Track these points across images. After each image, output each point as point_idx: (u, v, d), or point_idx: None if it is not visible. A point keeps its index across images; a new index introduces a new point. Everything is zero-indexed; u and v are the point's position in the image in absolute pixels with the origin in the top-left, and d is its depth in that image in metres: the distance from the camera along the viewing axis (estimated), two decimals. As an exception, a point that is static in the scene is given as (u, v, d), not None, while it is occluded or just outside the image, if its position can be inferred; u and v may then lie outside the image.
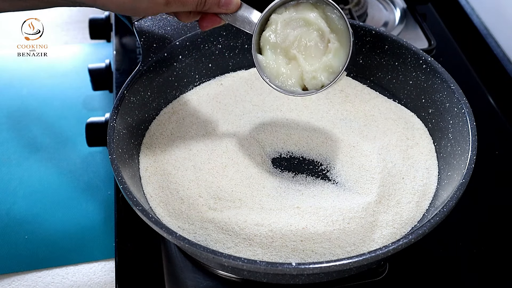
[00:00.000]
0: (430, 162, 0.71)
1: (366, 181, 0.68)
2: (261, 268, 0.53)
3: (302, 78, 0.64)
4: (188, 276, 0.66)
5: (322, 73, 0.63)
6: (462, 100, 0.69)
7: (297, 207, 0.65)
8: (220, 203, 0.66)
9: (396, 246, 0.55)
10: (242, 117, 0.76)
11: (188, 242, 0.55)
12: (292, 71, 0.65)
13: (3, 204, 0.78)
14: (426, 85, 0.75)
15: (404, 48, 0.76)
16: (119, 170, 0.61)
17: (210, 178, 0.68)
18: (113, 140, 0.64)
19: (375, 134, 0.74)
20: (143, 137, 0.73)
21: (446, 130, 0.71)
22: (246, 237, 0.62)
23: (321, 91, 0.64)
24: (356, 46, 0.79)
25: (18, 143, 0.86)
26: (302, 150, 0.74)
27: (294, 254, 0.61)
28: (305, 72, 0.64)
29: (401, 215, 0.65)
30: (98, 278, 0.69)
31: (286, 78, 0.65)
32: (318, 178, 0.71)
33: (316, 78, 0.64)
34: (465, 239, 0.72)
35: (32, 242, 0.73)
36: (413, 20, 1.01)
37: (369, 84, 0.81)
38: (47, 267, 0.70)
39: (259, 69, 0.65)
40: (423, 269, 0.69)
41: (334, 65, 0.63)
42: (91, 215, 0.76)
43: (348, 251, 0.61)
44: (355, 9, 0.98)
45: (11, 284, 0.69)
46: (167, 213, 0.65)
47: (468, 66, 0.98)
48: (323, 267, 0.54)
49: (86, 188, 0.79)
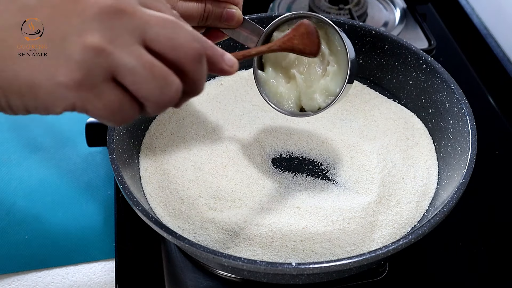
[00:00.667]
0: (430, 162, 0.71)
1: (366, 181, 0.68)
2: (261, 268, 0.53)
3: (299, 99, 0.65)
4: (188, 276, 0.66)
5: (319, 96, 0.63)
6: (462, 100, 0.69)
7: (297, 207, 0.65)
8: (220, 203, 0.66)
9: (396, 246, 0.55)
10: (242, 117, 0.76)
11: (188, 242, 0.55)
12: (291, 90, 0.65)
13: (3, 204, 0.78)
14: (426, 85, 0.75)
15: (404, 48, 0.76)
16: (119, 170, 0.61)
17: (210, 178, 0.68)
18: (113, 140, 0.64)
19: (375, 134, 0.74)
20: (143, 137, 0.73)
21: (446, 130, 0.71)
22: (246, 237, 0.62)
23: (317, 113, 0.64)
24: (356, 47, 0.79)
25: (18, 143, 0.86)
26: (302, 150, 0.74)
27: (294, 254, 0.61)
28: (302, 93, 0.64)
29: (401, 215, 0.65)
30: (98, 278, 0.69)
31: (284, 97, 0.65)
32: (318, 178, 0.71)
33: (313, 100, 0.64)
34: (465, 239, 0.72)
35: (32, 242, 0.73)
36: (413, 20, 1.01)
37: (369, 84, 0.81)
38: (47, 267, 0.70)
39: (258, 86, 0.65)
40: (423, 269, 0.69)
41: (331, 88, 0.63)
42: (91, 215, 0.76)
43: (348, 251, 0.61)
44: (355, 9, 0.98)
45: (11, 284, 0.69)
46: (167, 213, 0.65)
47: (468, 66, 0.98)
48: (323, 267, 0.54)
49: (86, 188, 0.79)
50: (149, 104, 0.41)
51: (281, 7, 1.02)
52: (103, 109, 0.40)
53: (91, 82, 0.39)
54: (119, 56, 0.39)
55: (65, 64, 0.38)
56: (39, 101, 0.39)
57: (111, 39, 0.38)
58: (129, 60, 0.39)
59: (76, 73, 0.38)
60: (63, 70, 0.38)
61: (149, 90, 0.40)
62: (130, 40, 0.39)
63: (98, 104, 0.39)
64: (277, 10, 1.01)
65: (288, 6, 1.03)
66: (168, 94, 0.41)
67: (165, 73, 0.40)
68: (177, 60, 0.41)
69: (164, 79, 0.40)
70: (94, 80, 0.39)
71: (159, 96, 0.41)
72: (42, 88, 0.38)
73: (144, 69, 0.39)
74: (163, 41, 0.40)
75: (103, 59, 0.38)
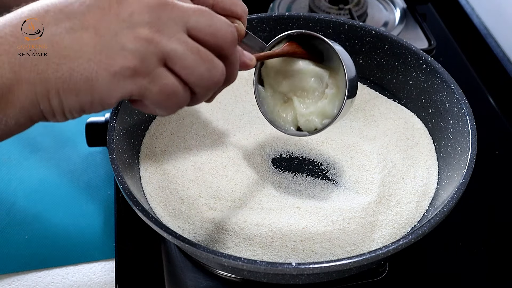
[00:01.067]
0: (430, 162, 0.71)
1: (366, 181, 0.68)
2: (261, 268, 0.53)
3: (296, 119, 0.65)
4: (188, 276, 0.66)
5: (316, 118, 0.64)
6: (462, 100, 0.69)
7: (297, 207, 0.65)
8: (220, 203, 0.66)
9: (396, 246, 0.55)
10: (242, 117, 0.76)
11: (188, 242, 0.55)
12: (288, 110, 0.65)
13: (3, 204, 0.78)
14: (426, 85, 0.75)
15: (404, 48, 0.76)
16: (119, 170, 0.61)
17: (210, 178, 0.68)
18: (113, 140, 0.64)
19: (375, 134, 0.74)
20: (143, 137, 0.73)
21: (446, 130, 0.71)
22: (246, 237, 0.62)
23: (314, 134, 0.64)
24: (356, 47, 0.79)
25: (18, 143, 0.86)
26: (302, 150, 0.74)
27: (294, 254, 0.61)
28: (299, 115, 0.64)
29: (401, 215, 0.65)
30: (98, 278, 0.69)
31: (281, 115, 0.65)
32: (318, 178, 0.71)
33: (310, 122, 0.64)
34: (465, 239, 0.72)
35: (32, 242, 0.73)
36: (413, 20, 1.01)
37: (369, 84, 0.81)
38: (47, 267, 0.70)
39: (258, 101, 0.65)
40: (423, 269, 0.69)
41: (328, 111, 0.63)
42: (91, 215, 0.76)
43: (348, 251, 0.61)
44: (355, 9, 0.98)
45: (11, 284, 0.69)
46: (167, 213, 0.65)
47: (468, 66, 0.98)
48: (323, 267, 0.54)
49: (86, 188, 0.79)
50: (199, 88, 0.44)
51: (281, 7, 1.02)
52: (159, 93, 0.42)
53: (146, 68, 0.41)
54: (168, 43, 0.42)
55: (119, 54, 0.40)
56: (96, 94, 0.41)
57: (158, 29, 0.41)
58: (177, 46, 0.42)
59: (131, 61, 0.41)
60: (119, 60, 0.40)
61: (199, 72, 0.43)
62: (175, 29, 0.42)
63: (154, 88, 0.42)
64: (277, 10, 1.01)
65: (288, 6, 1.03)
66: (216, 75, 0.44)
67: (210, 55, 0.44)
68: (217, 44, 0.44)
69: (211, 62, 0.44)
70: (149, 66, 0.41)
71: (208, 78, 0.44)
72: (98, 81, 0.41)
73: (192, 53, 0.42)
74: (203, 28, 0.43)
75: (155, 47, 0.41)
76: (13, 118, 0.41)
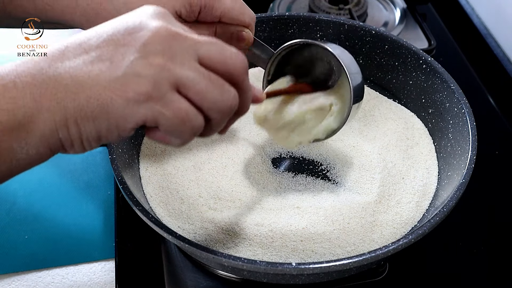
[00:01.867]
0: (430, 162, 0.71)
1: (366, 181, 0.68)
2: (261, 268, 0.53)
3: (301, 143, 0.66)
4: (188, 276, 0.66)
5: (322, 134, 0.65)
6: (462, 100, 0.69)
7: (297, 207, 0.65)
8: (220, 203, 0.66)
9: (396, 246, 0.55)
10: (242, 117, 0.76)
11: (188, 242, 0.55)
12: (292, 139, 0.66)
13: (3, 204, 0.77)
14: (426, 85, 0.75)
15: (404, 48, 0.76)
16: (119, 170, 0.61)
17: (210, 178, 0.68)
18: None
19: (375, 134, 0.74)
20: (143, 137, 0.73)
21: (446, 130, 0.71)
22: (246, 237, 0.62)
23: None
24: (356, 47, 0.79)
25: (18, 143, 0.86)
26: (302, 150, 0.74)
27: (294, 254, 0.61)
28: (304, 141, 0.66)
29: (401, 215, 0.65)
30: (98, 278, 0.69)
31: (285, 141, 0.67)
32: (318, 178, 0.71)
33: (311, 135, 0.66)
34: (465, 239, 0.72)
35: (32, 242, 0.73)
36: (413, 20, 1.01)
37: (369, 84, 0.81)
38: (47, 267, 0.70)
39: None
40: (423, 269, 0.69)
41: (334, 126, 0.65)
42: (91, 215, 0.76)
43: (348, 251, 0.61)
44: (355, 9, 0.98)
45: (11, 284, 0.69)
46: (167, 213, 0.65)
47: (468, 66, 0.98)
48: (323, 267, 0.54)
49: (86, 188, 0.79)
50: (213, 112, 0.45)
51: (281, 7, 1.02)
52: (173, 117, 0.43)
53: (159, 92, 0.42)
54: (181, 70, 0.43)
55: (133, 81, 0.42)
56: (112, 120, 0.42)
57: (171, 57, 0.43)
58: (189, 73, 0.43)
59: (144, 86, 0.42)
60: (133, 86, 0.42)
61: (212, 96, 0.44)
62: (187, 58, 0.43)
63: (168, 113, 0.43)
64: (277, 10, 1.01)
65: (288, 6, 1.03)
66: (229, 98, 0.45)
67: (222, 81, 0.45)
68: (228, 71, 0.45)
69: (222, 86, 0.44)
70: (161, 90, 0.42)
71: (221, 102, 0.44)
72: (114, 106, 0.42)
73: (204, 79, 0.43)
74: (214, 56, 0.44)
75: (168, 72, 0.42)
76: (34, 147, 0.43)
